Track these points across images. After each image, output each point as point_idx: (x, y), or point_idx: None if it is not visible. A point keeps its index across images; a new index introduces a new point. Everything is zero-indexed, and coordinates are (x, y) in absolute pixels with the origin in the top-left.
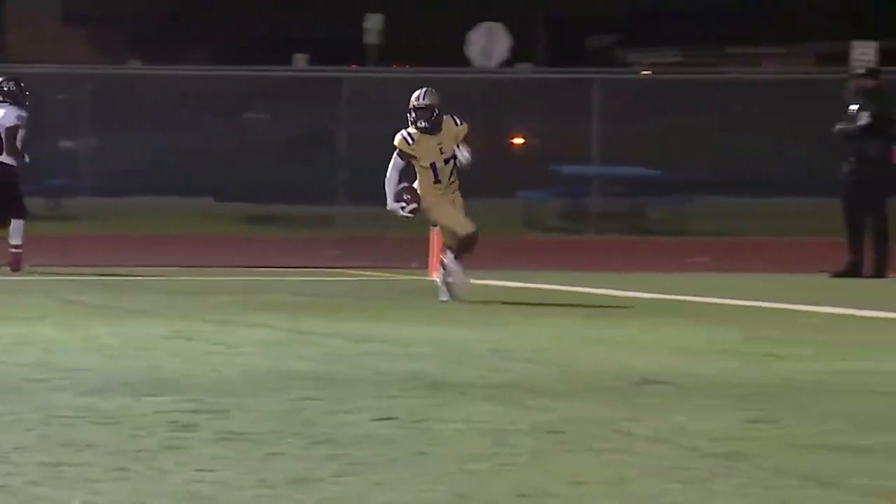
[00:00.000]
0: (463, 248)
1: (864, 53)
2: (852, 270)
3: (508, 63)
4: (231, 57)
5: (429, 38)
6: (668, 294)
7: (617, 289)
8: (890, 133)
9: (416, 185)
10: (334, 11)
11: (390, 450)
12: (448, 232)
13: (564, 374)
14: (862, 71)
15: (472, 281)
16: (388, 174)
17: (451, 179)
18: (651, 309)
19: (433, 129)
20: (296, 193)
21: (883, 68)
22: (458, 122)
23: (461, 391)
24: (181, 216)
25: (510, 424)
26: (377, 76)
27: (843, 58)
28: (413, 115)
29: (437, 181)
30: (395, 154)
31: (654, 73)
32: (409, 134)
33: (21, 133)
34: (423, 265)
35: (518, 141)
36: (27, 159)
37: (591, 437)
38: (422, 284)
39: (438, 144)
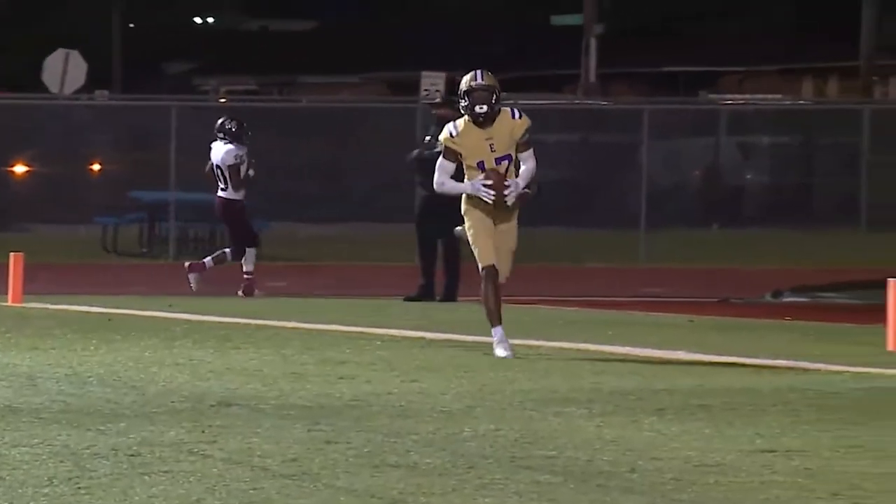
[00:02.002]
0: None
1: (433, 84)
2: (424, 294)
3: (85, 89)
4: None
5: (3, 64)
6: (244, 318)
7: (195, 313)
8: None
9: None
10: None
11: None
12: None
13: (141, 398)
14: (439, 100)
15: (48, 306)
16: (437, 181)
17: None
18: (228, 332)
19: (491, 115)
20: None
21: (455, 98)
22: (517, 114)
23: (37, 416)
24: None
25: (87, 448)
26: None
27: (413, 86)
28: (468, 99)
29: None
30: (440, 155)
31: (230, 99)
32: (454, 125)
33: (242, 169)
34: (1, 291)
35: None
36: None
37: (168, 460)
38: None
39: (488, 140)
